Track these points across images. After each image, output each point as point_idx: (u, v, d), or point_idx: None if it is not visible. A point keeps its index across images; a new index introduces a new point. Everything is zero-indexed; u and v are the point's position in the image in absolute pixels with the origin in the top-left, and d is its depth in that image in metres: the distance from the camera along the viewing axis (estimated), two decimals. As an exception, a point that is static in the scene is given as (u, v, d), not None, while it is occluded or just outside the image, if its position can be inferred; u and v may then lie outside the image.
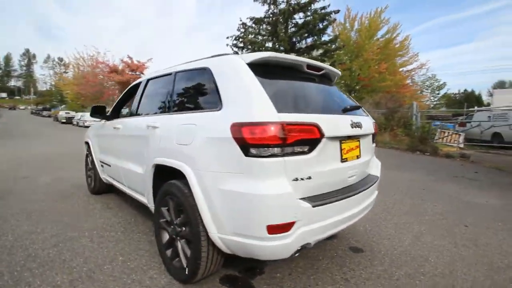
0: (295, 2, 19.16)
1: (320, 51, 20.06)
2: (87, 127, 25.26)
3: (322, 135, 1.62)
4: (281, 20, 18.34)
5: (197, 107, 1.94)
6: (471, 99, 45.06)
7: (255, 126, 1.47)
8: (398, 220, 3.24)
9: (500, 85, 60.85)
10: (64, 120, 31.47)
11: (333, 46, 18.73)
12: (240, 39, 20.57)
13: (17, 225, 2.92)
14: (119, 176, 3.00)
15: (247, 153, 1.48)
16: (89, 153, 4.11)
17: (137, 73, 26.23)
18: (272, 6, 19.66)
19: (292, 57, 1.90)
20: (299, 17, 20.12)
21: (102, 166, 3.54)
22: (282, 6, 19.42)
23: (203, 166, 1.65)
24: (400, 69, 22.57)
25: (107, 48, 42.95)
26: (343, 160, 1.83)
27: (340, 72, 2.43)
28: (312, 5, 19.20)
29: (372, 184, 2.10)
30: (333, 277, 2.06)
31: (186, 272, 1.82)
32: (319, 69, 2.10)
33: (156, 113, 2.40)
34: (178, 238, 1.96)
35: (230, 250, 1.65)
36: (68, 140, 13.14)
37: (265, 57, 1.78)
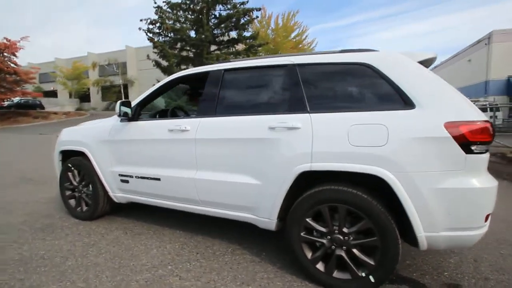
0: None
1: (241, 45, 20.55)
2: None
3: None
4: (205, 9, 17.57)
5: (369, 106, 1.77)
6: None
7: (473, 124, 1.55)
8: None
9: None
10: None
11: (256, 42, 19.47)
12: (158, 24, 18.58)
13: (37, 285, 1.91)
14: (180, 190, 2.36)
15: (468, 150, 1.55)
16: (74, 167, 3.00)
17: (6, 54, 19.60)
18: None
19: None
20: (219, 9, 19.90)
21: (126, 181, 2.66)
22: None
23: (409, 167, 1.59)
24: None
25: None
26: None
27: None
28: (232, -2, 19.27)
29: None
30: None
31: (372, 280, 1.72)
32: None
33: (280, 112, 2.00)
34: (344, 247, 1.80)
35: (428, 247, 1.67)
36: None
37: (430, 57, 1.85)
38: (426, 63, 1.89)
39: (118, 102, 2.49)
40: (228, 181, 2.14)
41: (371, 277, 1.73)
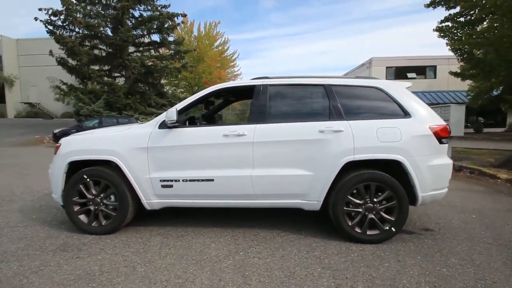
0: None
1: (164, 49, 19.85)
2: None
3: None
4: (126, 7, 16.18)
5: (385, 115, 2.63)
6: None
7: (442, 127, 2.63)
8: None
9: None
10: None
11: (183, 48, 19.17)
12: (63, 16, 15.94)
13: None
14: (236, 188, 2.67)
15: (440, 142, 2.62)
16: (90, 177, 2.80)
17: None
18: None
19: None
20: (139, 9, 18.75)
21: (169, 186, 2.73)
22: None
23: (414, 153, 2.52)
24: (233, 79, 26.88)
25: None
26: None
27: None
28: (155, 0, 18.60)
29: None
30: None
31: (394, 230, 2.59)
32: None
33: (323, 119, 2.64)
34: (374, 212, 2.62)
35: (421, 203, 2.67)
36: None
37: (409, 85, 2.90)
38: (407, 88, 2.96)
39: (174, 109, 2.60)
40: (285, 175, 2.65)
41: (392, 229, 2.61)
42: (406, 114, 2.67)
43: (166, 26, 18.38)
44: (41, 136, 17.18)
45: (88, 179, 2.82)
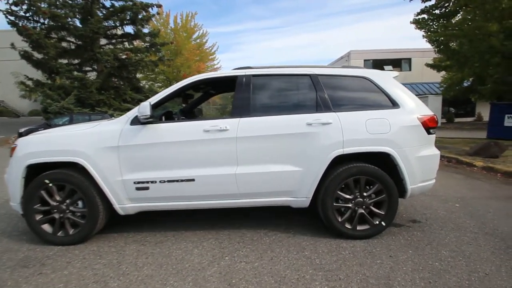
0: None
1: (139, 41, 18.93)
2: None
3: None
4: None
5: (373, 106, 2.51)
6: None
7: (430, 117, 2.56)
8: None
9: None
10: None
11: (159, 40, 18.33)
12: (25, 6, 14.65)
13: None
14: (219, 187, 2.47)
15: (428, 132, 2.55)
16: (53, 182, 2.48)
17: None
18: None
19: None
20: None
21: (144, 188, 2.47)
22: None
23: (403, 145, 2.43)
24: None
25: None
26: None
27: None
28: (127, -11, 17.53)
29: None
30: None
31: (384, 224, 2.51)
32: None
33: (310, 111, 2.48)
34: (364, 207, 2.52)
35: (409, 195, 2.60)
36: None
37: (396, 75, 2.80)
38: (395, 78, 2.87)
39: (147, 103, 2.32)
40: (271, 171, 2.48)
41: (382, 223, 2.53)
42: (394, 104, 2.58)
43: (140, 17, 17.45)
44: (6, 136, 15.86)
45: (50, 184, 2.49)
